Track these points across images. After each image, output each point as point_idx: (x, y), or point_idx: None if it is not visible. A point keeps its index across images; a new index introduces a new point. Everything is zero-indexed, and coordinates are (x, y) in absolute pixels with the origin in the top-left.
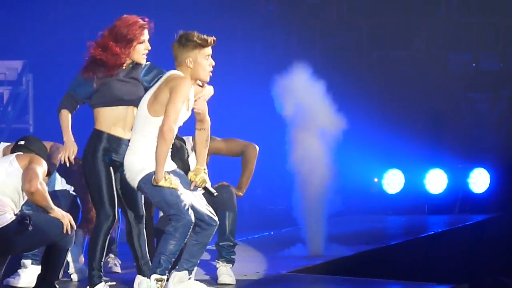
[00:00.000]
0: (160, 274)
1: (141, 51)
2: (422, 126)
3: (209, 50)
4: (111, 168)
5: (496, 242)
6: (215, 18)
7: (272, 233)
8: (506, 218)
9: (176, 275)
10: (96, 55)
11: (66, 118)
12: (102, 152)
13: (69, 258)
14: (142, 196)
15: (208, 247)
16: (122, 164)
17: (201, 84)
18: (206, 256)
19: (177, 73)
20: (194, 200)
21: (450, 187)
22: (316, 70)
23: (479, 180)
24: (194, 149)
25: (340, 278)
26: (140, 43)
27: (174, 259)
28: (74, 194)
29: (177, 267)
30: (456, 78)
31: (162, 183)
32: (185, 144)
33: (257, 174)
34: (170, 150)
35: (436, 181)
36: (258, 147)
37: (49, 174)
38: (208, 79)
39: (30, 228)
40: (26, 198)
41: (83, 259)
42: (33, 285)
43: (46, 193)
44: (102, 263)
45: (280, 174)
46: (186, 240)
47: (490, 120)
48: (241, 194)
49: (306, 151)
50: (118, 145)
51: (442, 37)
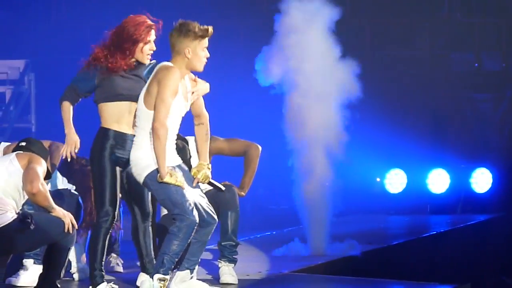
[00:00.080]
0: (163, 274)
1: (145, 52)
2: (424, 126)
3: (207, 42)
4: (118, 166)
5: (498, 242)
6: (219, 18)
7: (274, 232)
8: (508, 218)
9: (178, 275)
10: (97, 59)
11: (68, 110)
12: (109, 150)
13: (71, 257)
14: (149, 193)
15: (210, 247)
16: (128, 160)
17: (193, 79)
18: (208, 255)
19: (165, 64)
20: (196, 197)
21: (453, 187)
22: None
23: (482, 180)
24: (197, 149)
25: (342, 278)
26: (145, 44)
27: (177, 259)
28: (75, 193)
29: (178, 267)
30: (458, 78)
31: (167, 179)
32: (187, 144)
33: (259, 174)
34: (175, 148)
35: (438, 181)
36: (260, 147)
37: (49, 175)
38: (202, 70)
39: (32, 227)
40: (26, 197)
41: (85, 259)
42: (35, 284)
43: (48, 193)
44: (103, 263)
45: (282, 174)
46: (189, 240)
47: (492, 120)
48: (243, 193)
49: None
50: (124, 141)
51: (444, 37)
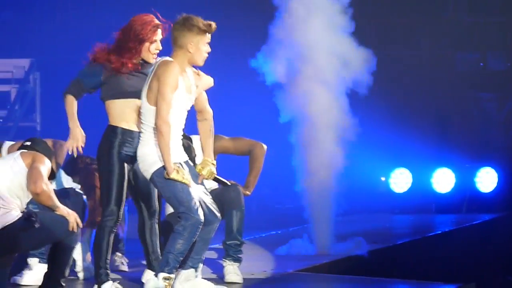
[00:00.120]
0: (168, 273)
1: (152, 51)
2: (429, 125)
3: (209, 37)
4: (126, 163)
5: (503, 241)
6: (222, 17)
7: (279, 232)
8: None
9: (182, 274)
10: (97, 59)
11: (72, 103)
12: (117, 148)
13: (76, 256)
14: (156, 191)
15: (215, 246)
16: (136, 157)
17: (197, 72)
18: (213, 254)
19: (164, 59)
20: (200, 194)
21: (458, 187)
22: None
23: (487, 179)
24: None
25: (347, 277)
26: (152, 43)
27: (182, 258)
28: (80, 192)
29: (183, 266)
30: (463, 78)
31: (174, 176)
32: (192, 142)
33: (264, 173)
34: (181, 143)
35: (443, 180)
36: (265, 146)
37: (53, 175)
38: (202, 64)
39: (37, 225)
40: (31, 196)
41: (90, 258)
42: (39, 283)
43: (52, 192)
44: (108, 261)
45: (287, 173)
46: (194, 239)
47: (497, 119)
48: (248, 193)
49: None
50: (132, 138)
51: (449, 37)
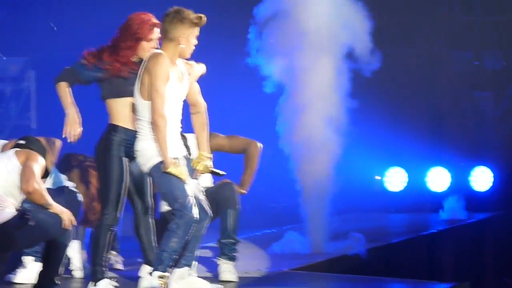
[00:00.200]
0: (162, 271)
1: (148, 50)
2: (424, 124)
3: (198, 30)
4: (126, 159)
5: (498, 241)
6: (225, 18)
7: (274, 230)
8: (508, 217)
9: (176, 272)
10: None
11: (66, 89)
12: (116, 146)
13: (70, 254)
14: (150, 187)
15: (210, 244)
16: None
17: (189, 64)
18: (208, 253)
19: (153, 52)
20: (195, 191)
21: (453, 185)
22: None
23: (482, 178)
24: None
25: (342, 276)
26: (148, 41)
27: (176, 257)
28: (75, 190)
29: (177, 264)
30: (459, 77)
31: (171, 170)
32: (186, 141)
33: (259, 172)
34: (180, 137)
35: (438, 179)
36: (261, 145)
37: (47, 173)
38: (189, 57)
39: (31, 223)
40: None
41: (85, 256)
42: (34, 282)
43: (44, 191)
44: (105, 259)
45: (282, 172)
46: (188, 237)
47: (493, 118)
48: (244, 191)
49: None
50: (132, 137)
51: (444, 35)
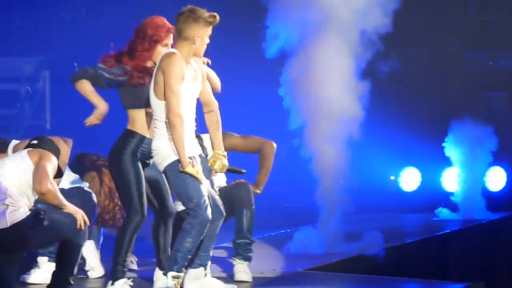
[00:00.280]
0: (176, 271)
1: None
2: (439, 124)
3: (211, 29)
4: (141, 163)
5: None
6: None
7: (289, 230)
8: None
9: (191, 272)
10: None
11: (89, 85)
12: (130, 152)
13: (85, 254)
14: (168, 191)
15: (225, 245)
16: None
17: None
18: (223, 253)
19: (167, 52)
20: (210, 190)
21: (466, 186)
22: None
23: (496, 178)
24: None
25: (356, 276)
26: (163, 46)
27: (190, 256)
28: (89, 191)
29: (192, 264)
30: (473, 77)
31: (189, 169)
32: (202, 141)
33: (274, 172)
34: (195, 136)
35: (452, 179)
36: (275, 145)
37: (60, 173)
38: (202, 55)
39: (45, 223)
40: None
41: (100, 256)
42: (48, 282)
43: (57, 191)
44: (127, 259)
45: (297, 172)
46: (202, 237)
47: (507, 118)
48: (258, 191)
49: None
50: (149, 146)
51: (458, 35)
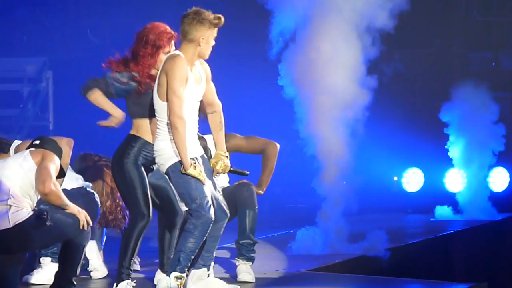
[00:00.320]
0: (179, 272)
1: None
2: (441, 124)
3: (216, 31)
4: (144, 167)
5: None
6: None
7: (292, 231)
8: None
9: (195, 273)
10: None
11: (103, 95)
12: (133, 156)
13: (88, 255)
14: (177, 195)
15: (228, 245)
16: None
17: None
18: (226, 254)
19: (171, 54)
20: (213, 191)
21: (469, 186)
22: None
23: (499, 179)
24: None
25: (359, 277)
26: (165, 54)
27: (193, 257)
28: (92, 191)
29: (195, 265)
30: (476, 77)
31: (191, 171)
32: (206, 143)
33: (277, 172)
34: (197, 137)
35: (455, 179)
36: (278, 145)
37: (63, 173)
38: (208, 57)
39: (48, 223)
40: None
41: (103, 256)
42: (51, 282)
43: (60, 192)
44: (132, 262)
45: (300, 172)
46: (205, 237)
47: (510, 118)
48: (261, 192)
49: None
50: (151, 151)
51: (461, 36)
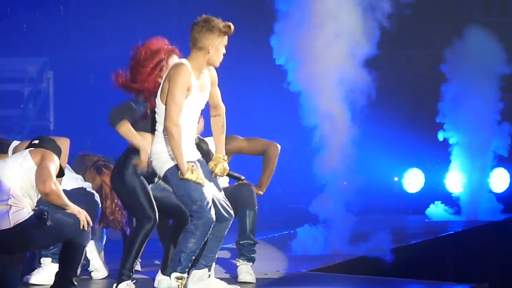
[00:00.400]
0: (180, 272)
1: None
2: (442, 125)
3: (227, 39)
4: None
5: None
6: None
7: (292, 231)
8: None
9: (195, 274)
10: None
11: (131, 127)
12: (133, 167)
13: (89, 255)
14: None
15: (228, 246)
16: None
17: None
18: (226, 254)
19: (177, 62)
20: (214, 192)
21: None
22: None
23: (499, 179)
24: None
25: (360, 277)
26: (167, 68)
27: (194, 257)
28: (92, 191)
29: (196, 265)
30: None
31: (188, 176)
32: (208, 145)
33: (277, 173)
34: (195, 143)
35: (456, 180)
36: (279, 146)
37: (62, 173)
38: (218, 65)
39: (49, 223)
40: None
41: (103, 256)
42: (51, 283)
43: (61, 191)
44: (135, 264)
45: (301, 173)
46: (206, 238)
47: (510, 119)
48: (261, 192)
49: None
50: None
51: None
